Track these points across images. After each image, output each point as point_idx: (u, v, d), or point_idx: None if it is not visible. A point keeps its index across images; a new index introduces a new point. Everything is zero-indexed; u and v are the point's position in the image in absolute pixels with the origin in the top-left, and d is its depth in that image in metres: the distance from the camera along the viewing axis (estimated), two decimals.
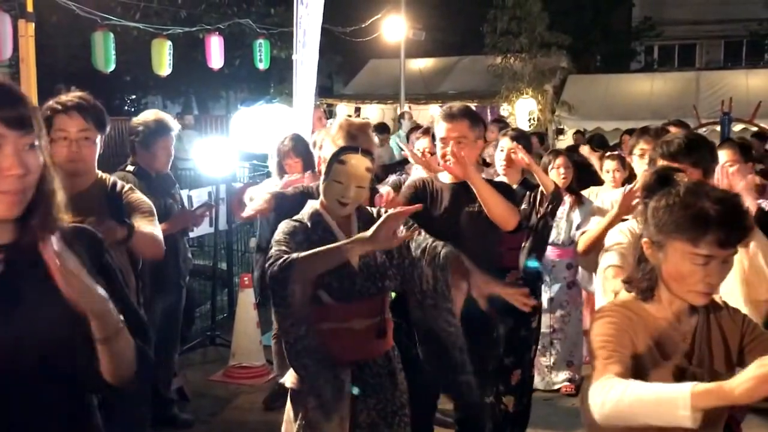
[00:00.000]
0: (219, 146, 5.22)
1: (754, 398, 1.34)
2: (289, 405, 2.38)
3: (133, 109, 18.27)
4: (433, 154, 3.63)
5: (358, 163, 2.23)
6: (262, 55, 10.36)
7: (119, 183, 2.84)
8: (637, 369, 1.61)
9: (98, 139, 2.70)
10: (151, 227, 2.75)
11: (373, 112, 15.27)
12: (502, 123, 7.13)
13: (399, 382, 2.42)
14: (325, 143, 2.32)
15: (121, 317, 1.36)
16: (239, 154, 6.33)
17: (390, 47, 13.78)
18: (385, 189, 3.03)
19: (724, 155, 3.41)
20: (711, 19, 20.68)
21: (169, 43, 8.93)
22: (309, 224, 2.29)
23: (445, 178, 3.05)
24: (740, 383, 1.34)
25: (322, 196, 2.33)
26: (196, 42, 10.68)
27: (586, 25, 18.09)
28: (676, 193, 1.67)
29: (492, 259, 3.05)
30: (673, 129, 3.75)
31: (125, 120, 8.75)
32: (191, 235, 5.30)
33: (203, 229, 5.64)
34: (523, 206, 3.69)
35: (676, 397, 1.38)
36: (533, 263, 3.61)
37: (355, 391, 2.26)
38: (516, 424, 3.72)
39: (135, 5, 10.94)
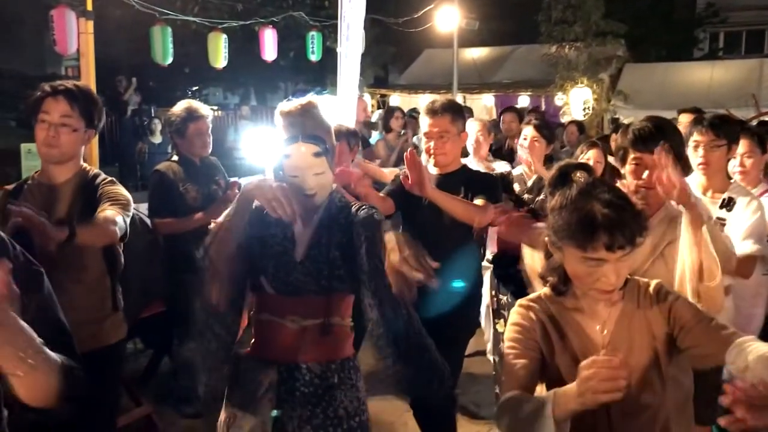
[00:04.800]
0: (268, 136, 5.42)
1: (587, 406, 1.41)
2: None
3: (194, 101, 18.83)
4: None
5: (303, 152, 2.02)
6: (314, 47, 10.57)
7: (100, 176, 2.70)
8: (550, 363, 1.62)
9: (82, 129, 2.56)
10: (108, 212, 2.53)
11: (426, 102, 15.30)
12: (537, 113, 7.16)
13: (341, 399, 2.10)
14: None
15: (39, 340, 1.27)
16: None
17: (444, 37, 13.79)
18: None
19: (740, 146, 3.23)
20: None
21: (225, 36, 9.21)
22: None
23: (432, 169, 3.18)
24: (573, 395, 1.42)
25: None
26: (253, 35, 10.95)
27: (645, 13, 17.69)
28: (568, 194, 1.64)
29: (475, 246, 3.23)
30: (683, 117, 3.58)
31: None
32: None
33: None
34: (540, 197, 3.77)
35: (544, 418, 1.46)
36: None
37: (273, 413, 2.04)
38: None
39: None
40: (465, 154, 3.96)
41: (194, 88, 20.57)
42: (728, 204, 2.89)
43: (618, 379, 1.39)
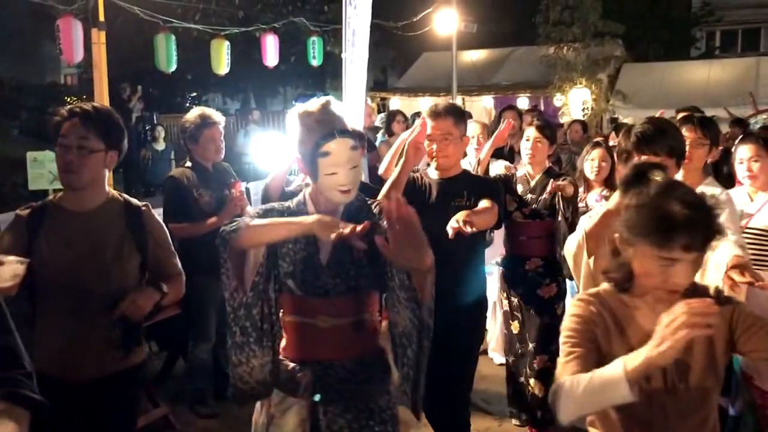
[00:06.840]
0: (275, 140, 5.49)
1: (665, 355, 1.43)
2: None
3: (194, 107, 18.89)
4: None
5: (341, 147, 2.03)
6: (315, 52, 10.66)
7: (134, 201, 2.61)
8: (607, 355, 1.64)
9: (101, 150, 2.42)
10: (174, 279, 2.60)
11: (427, 105, 15.35)
12: (536, 111, 7.30)
13: (377, 392, 2.16)
14: (294, 144, 2.13)
15: None
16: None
17: (443, 40, 13.87)
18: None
19: (746, 150, 3.28)
20: None
21: (227, 42, 9.32)
22: (295, 209, 2.16)
23: (434, 174, 3.21)
24: (650, 346, 1.45)
25: (317, 190, 2.14)
26: (253, 41, 11.04)
27: (643, 13, 17.81)
28: (647, 193, 1.65)
29: (481, 248, 3.27)
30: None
31: None
32: None
33: None
34: (544, 196, 3.85)
35: (616, 380, 1.48)
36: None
37: (317, 398, 2.10)
38: (546, 410, 3.80)
39: (194, 7, 11.39)
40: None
41: (193, 94, 20.66)
42: None
43: (709, 315, 1.41)
